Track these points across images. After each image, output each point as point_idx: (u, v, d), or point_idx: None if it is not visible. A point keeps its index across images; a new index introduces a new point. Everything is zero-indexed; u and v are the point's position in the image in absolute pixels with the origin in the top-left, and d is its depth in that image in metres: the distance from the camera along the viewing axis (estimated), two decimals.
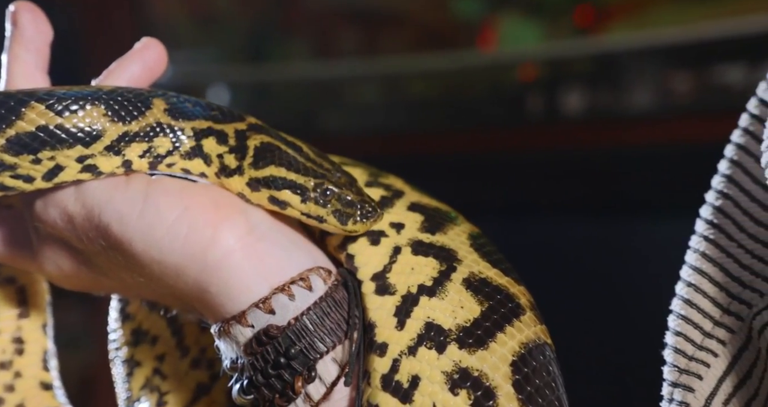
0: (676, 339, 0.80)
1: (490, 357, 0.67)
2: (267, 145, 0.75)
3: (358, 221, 0.73)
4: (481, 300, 0.70)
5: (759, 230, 0.80)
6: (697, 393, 0.77)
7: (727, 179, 0.82)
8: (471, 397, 0.66)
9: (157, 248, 0.75)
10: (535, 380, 0.67)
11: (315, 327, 0.72)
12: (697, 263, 0.81)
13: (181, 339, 0.90)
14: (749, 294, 0.78)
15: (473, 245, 0.75)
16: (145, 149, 0.76)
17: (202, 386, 0.88)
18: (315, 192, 0.73)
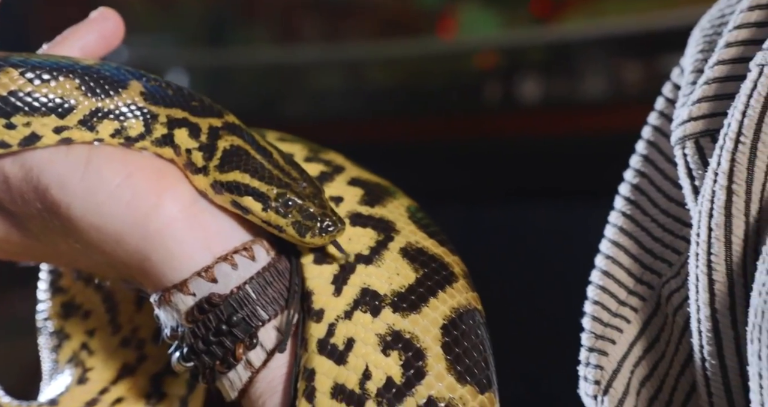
0: (593, 307, 0.85)
1: (422, 321, 0.72)
2: (236, 148, 0.77)
3: (317, 235, 0.74)
4: (416, 268, 0.75)
5: (670, 206, 0.85)
6: (611, 356, 0.83)
7: (643, 159, 0.88)
8: (402, 358, 0.71)
9: (98, 214, 0.76)
10: (464, 342, 0.72)
11: (257, 296, 0.75)
12: (614, 237, 0.87)
13: (114, 316, 0.91)
14: (660, 265, 0.84)
15: (411, 218, 0.79)
16: (117, 129, 0.77)
17: (128, 366, 0.89)
18: (276, 202, 0.75)
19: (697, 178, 0.80)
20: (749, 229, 0.73)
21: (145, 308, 0.90)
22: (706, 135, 0.80)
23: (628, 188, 0.89)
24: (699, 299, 0.75)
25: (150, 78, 0.78)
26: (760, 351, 0.68)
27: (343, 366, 0.72)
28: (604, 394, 0.82)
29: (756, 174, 0.73)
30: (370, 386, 0.70)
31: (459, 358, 0.71)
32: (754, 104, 0.74)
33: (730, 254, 0.74)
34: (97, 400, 0.88)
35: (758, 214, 0.73)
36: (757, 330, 0.68)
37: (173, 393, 0.88)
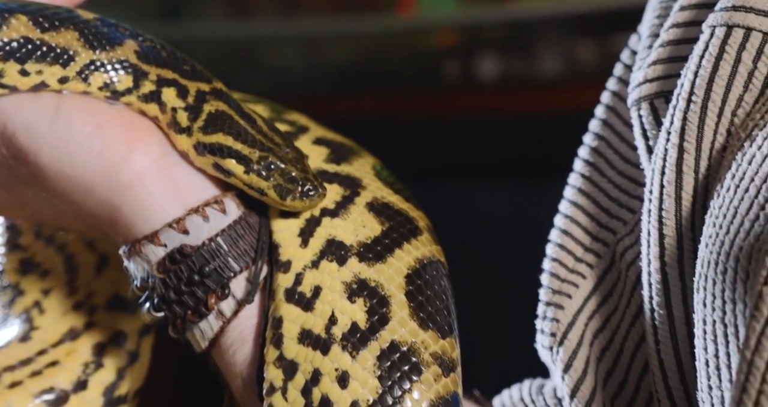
0: (552, 264, 0.89)
1: (387, 270, 0.75)
2: (221, 113, 0.78)
3: (297, 198, 0.75)
4: (382, 221, 0.77)
5: (626, 167, 0.89)
6: (567, 310, 0.87)
7: (602, 123, 0.91)
8: (367, 304, 0.73)
9: (68, 162, 0.77)
10: (427, 291, 0.75)
11: (229, 248, 0.76)
12: (573, 197, 0.90)
13: (72, 278, 0.91)
14: (615, 223, 0.88)
15: (377, 175, 0.82)
16: (107, 82, 0.78)
17: (74, 331, 0.89)
18: (259, 165, 0.76)
19: (651, 138, 0.84)
20: (698, 185, 0.77)
21: (104, 274, 0.90)
22: (661, 96, 0.83)
23: (587, 150, 0.92)
24: (650, 253, 0.79)
25: (146, 38, 0.79)
26: (705, 299, 0.72)
27: (310, 312, 0.74)
28: (560, 345, 0.86)
29: (706, 132, 0.77)
30: (335, 331, 0.73)
31: (422, 305, 0.74)
32: (705, 64, 0.77)
33: (679, 210, 0.77)
34: (32, 360, 0.87)
35: (707, 170, 0.77)
36: (703, 279, 0.72)
37: (112, 364, 0.88)
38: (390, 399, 0.71)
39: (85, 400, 0.85)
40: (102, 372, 0.87)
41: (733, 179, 0.73)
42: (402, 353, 0.72)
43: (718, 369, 0.71)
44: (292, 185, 0.75)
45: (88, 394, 0.86)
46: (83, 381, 0.86)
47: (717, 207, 0.73)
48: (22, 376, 0.85)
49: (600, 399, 0.84)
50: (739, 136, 0.75)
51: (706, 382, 0.72)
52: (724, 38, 0.77)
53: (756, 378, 0.62)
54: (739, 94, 0.76)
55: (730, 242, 0.70)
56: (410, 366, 0.72)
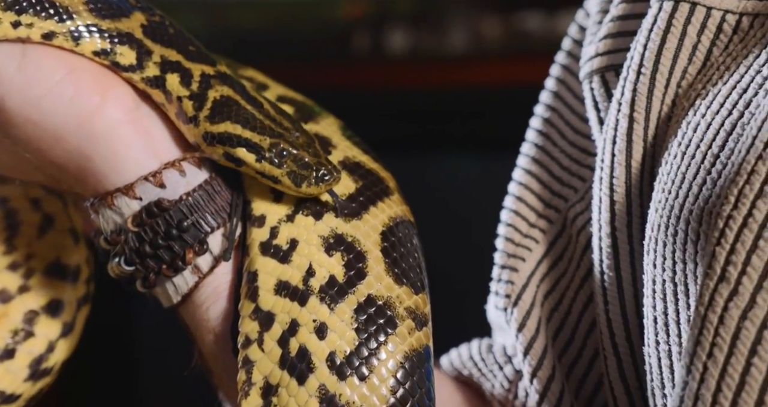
0: (506, 229, 0.92)
1: (363, 226, 0.76)
2: (226, 99, 0.76)
3: (313, 184, 0.74)
4: (355, 179, 0.79)
5: (577, 138, 0.93)
6: (521, 273, 0.90)
7: (552, 95, 0.95)
8: (344, 258, 0.75)
9: (37, 108, 0.75)
10: (400, 248, 0.77)
11: (206, 203, 0.76)
12: (526, 165, 0.94)
13: (12, 236, 0.88)
14: (567, 191, 0.92)
15: (344, 135, 0.83)
16: (105, 50, 0.77)
17: (5, 294, 0.86)
18: (270, 152, 0.74)
19: (602, 110, 0.87)
20: (646, 153, 0.81)
21: (47, 236, 0.88)
22: (611, 70, 0.87)
23: (539, 121, 0.95)
24: (601, 219, 0.83)
25: (155, 13, 0.78)
26: (656, 260, 0.76)
27: (287, 264, 0.75)
28: (514, 306, 0.89)
29: (654, 102, 0.81)
30: (313, 283, 0.74)
31: (396, 262, 0.76)
32: (654, 37, 0.81)
33: (629, 177, 0.81)
34: None
35: (654, 139, 0.81)
36: (653, 242, 0.76)
37: (43, 334, 0.85)
38: (366, 350, 0.73)
39: (9, 370, 0.83)
40: (31, 341, 0.84)
41: (680, 146, 0.77)
42: (378, 307, 0.74)
43: (667, 325, 0.75)
44: (306, 171, 0.74)
45: (13, 364, 0.83)
46: (11, 349, 0.83)
47: (665, 174, 0.77)
48: None
49: (551, 357, 0.87)
50: (683, 106, 0.79)
51: (653, 338, 0.76)
52: (671, 12, 0.81)
53: (710, 331, 0.67)
54: (684, 66, 0.81)
55: (680, 206, 0.74)
56: (386, 320, 0.74)
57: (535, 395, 0.86)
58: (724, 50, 0.79)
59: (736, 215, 0.68)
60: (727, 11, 0.80)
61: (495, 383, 0.91)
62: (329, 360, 0.72)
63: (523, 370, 0.88)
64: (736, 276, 0.67)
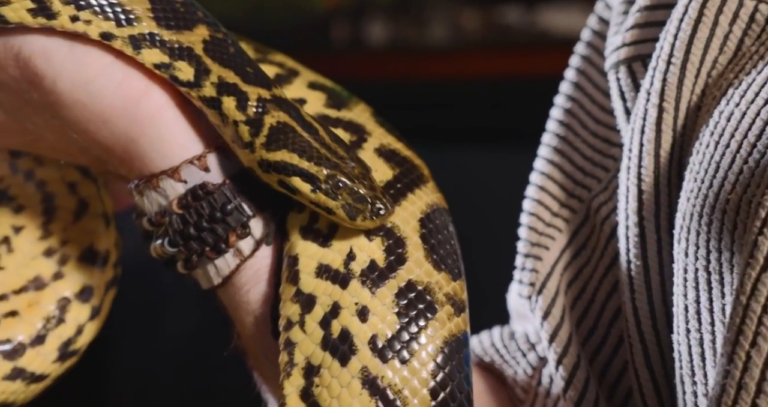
0: (529, 218, 0.93)
1: (402, 213, 0.77)
2: (283, 125, 0.75)
3: (368, 218, 0.73)
4: (392, 166, 0.79)
5: (598, 128, 0.94)
6: (545, 261, 0.91)
7: (573, 85, 0.96)
8: (385, 243, 0.76)
9: (86, 90, 0.76)
10: (438, 235, 0.77)
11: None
12: (549, 155, 0.95)
13: (48, 221, 0.89)
14: (590, 181, 0.93)
15: (377, 122, 0.84)
16: (165, 63, 0.76)
17: (39, 280, 0.87)
18: (326, 184, 0.74)
19: (629, 100, 0.88)
20: (675, 143, 0.82)
21: (82, 222, 0.89)
22: (638, 60, 0.88)
23: (560, 111, 0.96)
24: (628, 208, 0.84)
25: (219, 29, 0.77)
26: (688, 249, 0.77)
27: (328, 248, 0.76)
28: (539, 294, 0.90)
29: (683, 92, 0.82)
30: (354, 266, 0.75)
31: (434, 248, 0.77)
32: (684, 26, 0.82)
33: (658, 167, 0.82)
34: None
35: (683, 129, 0.82)
36: (685, 231, 0.77)
37: (73, 318, 0.86)
38: (407, 334, 0.74)
39: (40, 353, 0.84)
40: (62, 327, 0.85)
41: (712, 135, 0.77)
42: (418, 292, 0.75)
43: (698, 314, 0.76)
44: (361, 205, 0.73)
45: (44, 348, 0.84)
46: (42, 336, 0.84)
47: (697, 163, 0.78)
48: None
49: (576, 344, 0.88)
50: (713, 95, 0.80)
51: (683, 326, 0.77)
52: (703, 2, 0.82)
53: (753, 320, 0.67)
54: (714, 55, 0.81)
55: (715, 195, 0.75)
56: (426, 305, 0.74)
57: (561, 382, 0.88)
58: (756, 40, 0.80)
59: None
60: (761, 1, 0.80)
61: (518, 369, 0.92)
62: (371, 342, 0.73)
63: (548, 357, 0.89)
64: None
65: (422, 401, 0.72)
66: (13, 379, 0.82)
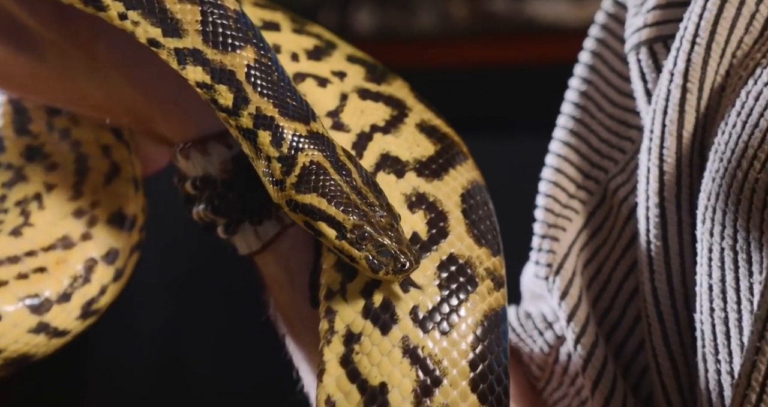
0: (546, 200, 0.95)
1: (444, 187, 0.78)
2: (316, 166, 0.73)
3: (390, 273, 0.73)
4: (434, 142, 0.81)
5: (615, 110, 0.96)
6: (561, 242, 0.93)
7: (589, 68, 0.97)
8: (427, 216, 0.77)
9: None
10: (479, 210, 0.79)
11: None
12: (565, 138, 0.96)
13: (80, 181, 0.89)
14: (606, 163, 0.95)
15: (416, 97, 0.85)
16: (206, 83, 0.74)
17: (67, 240, 0.87)
18: (352, 234, 0.73)
19: (650, 81, 0.90)
20: (698, 124, 0.83)
21: (113, 185, 0.89)
22: (659, 41, 0.89)
23: (575, 94, 0.98)
24: (649, 189, 0.85)
25: (267, 53, 0.75)
26: (713, 229, 0.78)
27: None
28: (556, 275, 0.92)
29: (708, 73, 0.83)
30: None
31: (475, 223, 0.78)
32: (710, 6, 0.83)
33: (680, 147, 0.84)
34: (20, 260, 0.85)
35: (706, 109, 0.83)
36: (711, 211, 0.78)
37: (98, 279, 0.87)
38: (447, 307, 0.75)
39: (65, 310, 0.85)
40: (87, 287, 0.86)
41: (739, 116, 0.78)
42: (460, 265, 0.76)
43: (724, 293, 0.78)
44: (385, 259, 0.72)
45: (69, 306, 0.85)
46: (68, 293, 0.85)
47: (722, 143, 0.79)
48: (8, 276, 0.84)
49: (594, 323, 0.90)
50: (739, 75, 0.81)
51: (707, 305, 0.79)
52: None
53: None
54: (740, 35, 0.82)
55: (744, 174, 0.76)
56: (467, 278, 0.76)
57: (580, 360, 0.89)
58: None
59: None
60: None
61: (534, 347, 0.94)
62: (412, 313, 0.75)
63: (566, 336, 0.91)
64: None
65: (461, 372, 0.74)
66: (38, 333, 0.84)
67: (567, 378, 0.91)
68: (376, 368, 0.74)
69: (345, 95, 0.83)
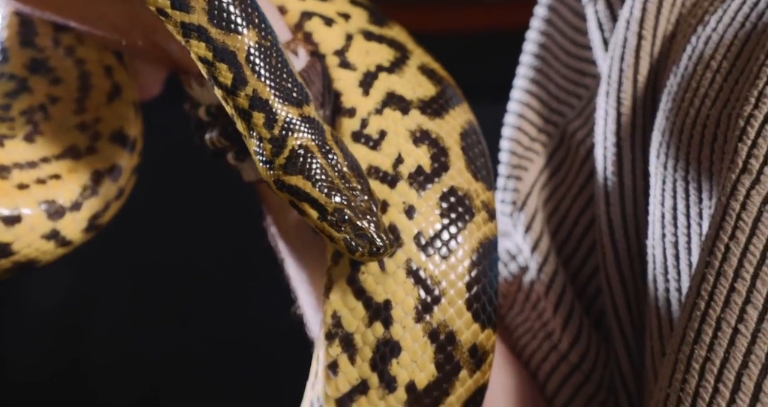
0: (510, 143, 1.04)
1: (445, 126, 0.85)
2: (304, 150, 0.77)
3: (365, 255, 0.76)
4: (434, 83, 0.87)
5: (570, 60, 1.05)
6: (524, 181, 1.02)
7: (545, 21, 1.05)
8: (430, 151, 0.84)
9: None
10: (475, 149, 0.86)
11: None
12: (525, 85, 1.05)
13: (83, 97, 0.92)
14: (564, 108, 1.04)
15: (415, 42, 0.92)
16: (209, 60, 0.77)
17: (75, 149, 0.90)
18: (333, 216, 0.76)
19: (606, 30, 0.97)
20: (652, 69, 0.92)
21: (114, 104, 0.92)
22: None
23: (534, 46, 1.06)
24: (606, 130, 0.94)
25: (268, 36, 0.77)
26: (666, 162, 0.87)
27: (377, 151, 0.84)
28: (520, 211, 1.01)
29: (661, 21, 0.91)
30: (402, 169, 0.83)
31: (473, 160, 0.86)
32: None
33: (635, 91, 0.92)
34: (37, 165, 0.89)
35: (659, 56, 0.91)
36: (664, 146, 0.87)
37: (104, 194, 0.91)
38: (447, 234, 0.83)
39: (74, 220, 0.89)
40: (95, 201, 0.90)
41: (690, 59, 0.87)
42: (459, 197, 0.84)
43: (675, 219, 0.87)
44: (362, 241, 0.77)
45: (79, 216, 0.89)
46: (79, 203, 0.89)
47: (676, 84, 0.88)
48: (29, 180, 0.87)
49: (554, 254, 1.00)
50: (689, 23, 0.89)
51: (659, 231, 0.88)
52: None
53: (732, 217, 0.78)
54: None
55: (696, 111, 0.85)
56: (465, 209, 0.84)
57: (542, 287, 0.99)
58: None
59: (757, 113, 0.78)
60: None
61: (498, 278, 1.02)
62: (416, 238, 0.83)
63: (529, 266, 1.00)
64: (758, 167, 0.77)
65: (458, 292, 0.82)
66: (49, 239, 0.88)
67: (529, 303, 1.00)
68: (381, 287, 0.82)
69: (350, 36, 0.88)
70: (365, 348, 0.82)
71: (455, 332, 0.82)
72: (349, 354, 0.82)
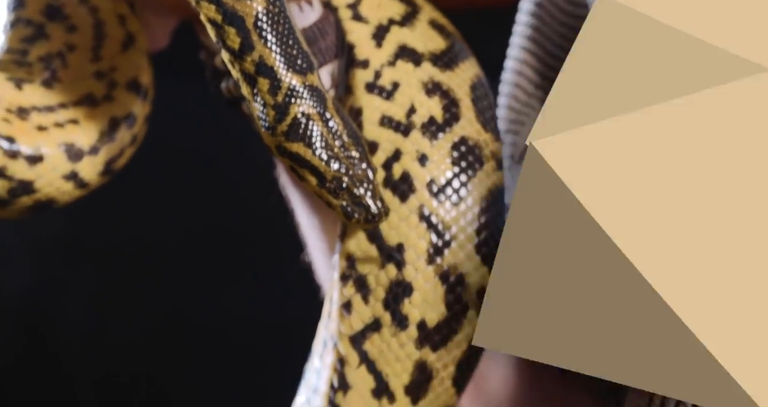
0: (507, 99, 1.06)
1: (455, 78, 0.88)
2: (306, 118, 0.79)
3: (361, 222, 0.79)
4: (444, 38, 0.90)
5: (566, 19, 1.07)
6: (521, 135, 1.05)
7: None
8: (442, 102, 0.87)
9: None
10: (483, 101, 0.89)
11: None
12: (524, 43, 1.07)
13: (98, 45, 0.93)
14: (560, 65, 1.05)
15: None
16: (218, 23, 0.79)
17: (92, 97, 0.91)
18: (331, 183, 0.79)
19: None
20: None
21: (129, 53, 0.94)
22: None
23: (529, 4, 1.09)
24: None
25: (275, 2, 0.79)
26: None
27: (391, 102, 0.86)
28: (518, 164, 1.04)
29: None
30: (415, 119, 0.86)
31: (482, 112, 0.89)
32: None
33: None
34: (54, 110, 0.90)
35: None
36: None
37: (119, 139, 0.92)
38: (458, 182, 0.86)
39: (92, 163, 0.91)
40: (112, 146, 0.92)
41: None
42: (469, 146, 0.87)
43: None
44: (358, 209, 0.79)
45: (96, 159, 0.91)
46: (97, 147, 0.91)
47: None
48: (47, 123, 0.89)
49: None
50: None
51: None
52: None
53: None
54: None
55: None
56: (475, 158, 0.87)
57: None
58: None
59: None
60: None
61: None
62: (428, 185, 0.85)
63: None
64: None
65: (468, 237, 0.85)
66: (68, 180, 0.90)
67: None
68: (395, 231, 0.85)
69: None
70: (378, 288, 0.85)
71: (465, 274, 0.85)
72: (363, 294, 0.85)
